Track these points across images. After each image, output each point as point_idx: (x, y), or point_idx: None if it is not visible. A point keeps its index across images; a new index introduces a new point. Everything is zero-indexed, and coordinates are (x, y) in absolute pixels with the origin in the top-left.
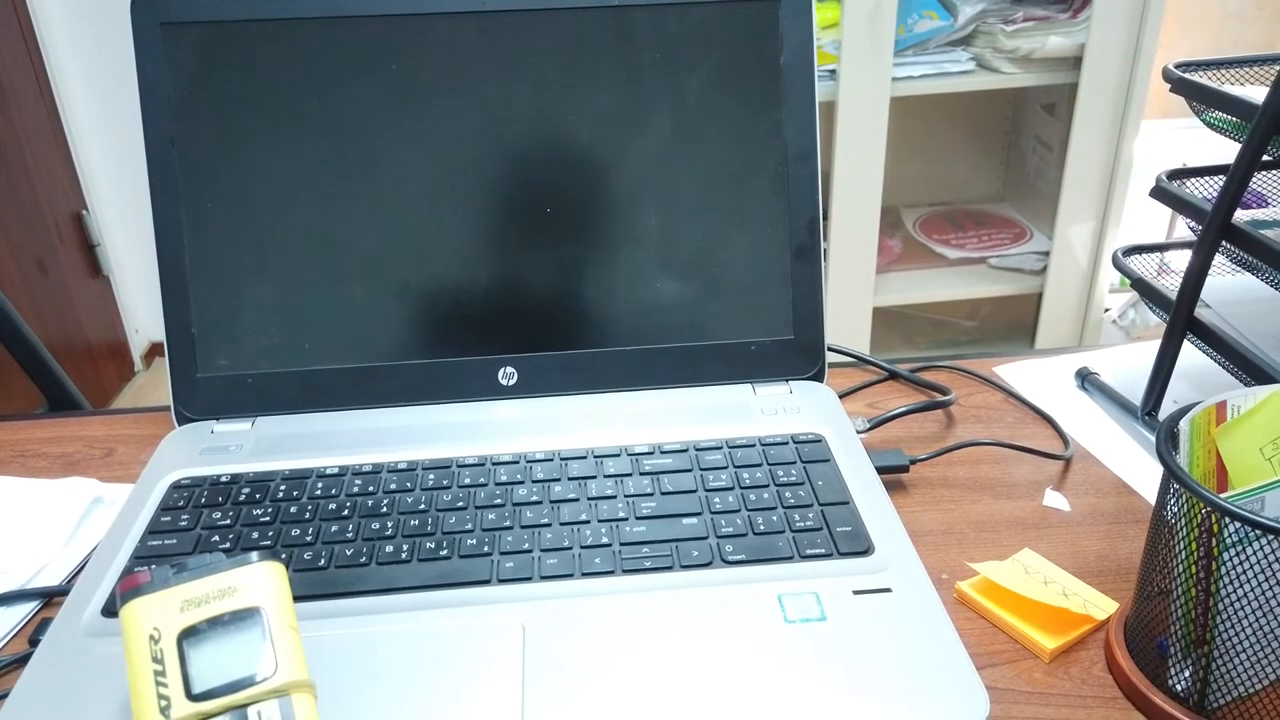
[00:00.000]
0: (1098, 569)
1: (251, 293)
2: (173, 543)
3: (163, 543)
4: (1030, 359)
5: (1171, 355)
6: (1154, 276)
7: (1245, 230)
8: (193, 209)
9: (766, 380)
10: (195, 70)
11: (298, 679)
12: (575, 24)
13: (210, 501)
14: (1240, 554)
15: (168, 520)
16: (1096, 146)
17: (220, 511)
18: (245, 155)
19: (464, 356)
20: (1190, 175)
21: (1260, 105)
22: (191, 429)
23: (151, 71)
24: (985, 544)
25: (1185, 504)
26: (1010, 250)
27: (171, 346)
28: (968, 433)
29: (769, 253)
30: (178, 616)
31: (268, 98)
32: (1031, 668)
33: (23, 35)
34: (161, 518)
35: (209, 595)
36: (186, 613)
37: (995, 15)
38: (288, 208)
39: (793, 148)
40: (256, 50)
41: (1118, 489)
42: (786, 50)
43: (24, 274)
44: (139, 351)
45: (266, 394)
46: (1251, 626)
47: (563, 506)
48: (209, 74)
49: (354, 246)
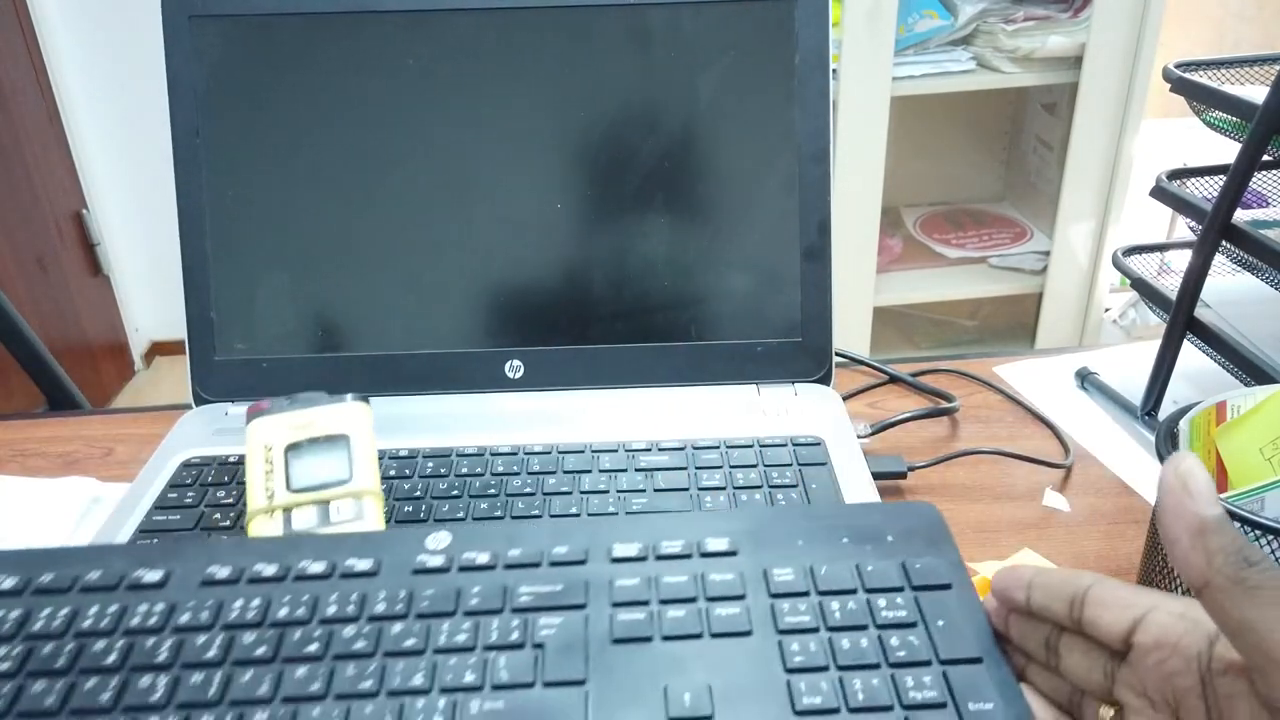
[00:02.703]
0: (1097, 569)
1: (269, 280)
2: (176, 519)
3: (166, 519)
4: (1030, 359)
5: (1171, 355)
6: (1154, 276)
7: (1245, 230)
8: (215, 197)
9: (772, 381)
10: (222, 62)
11: (370, 487)
12: (593, 21)
13: (217, 480)
14: None
15: (174, 497)
16: (1097, 146)
17: (225, 490)
18: (268, 146)
19: (472, 349)
20: (1190, 175)
21: (1260, 105)
22: (207, 410)
23: (179, 63)
24: (985, 545)
25: None
26: (1011, 250)
27: (191, 330)
28: (968, 434)
29: (778, 253)
30: (286, 434)
31: (290, 90)
32: None
33: (23, 35)
34: (169, 494)
35: (311, 422)
36: (293, 432)
37: (996, 14)
38: (306, 198)
39: (805, 148)
40: (282, 43)
41: (1117, 489)
42: (802, 50)
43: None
44: (139, 351)
45: (280, 378)
46: None
47: (554, 499)
48: (235, 66)
49: (369, 238)
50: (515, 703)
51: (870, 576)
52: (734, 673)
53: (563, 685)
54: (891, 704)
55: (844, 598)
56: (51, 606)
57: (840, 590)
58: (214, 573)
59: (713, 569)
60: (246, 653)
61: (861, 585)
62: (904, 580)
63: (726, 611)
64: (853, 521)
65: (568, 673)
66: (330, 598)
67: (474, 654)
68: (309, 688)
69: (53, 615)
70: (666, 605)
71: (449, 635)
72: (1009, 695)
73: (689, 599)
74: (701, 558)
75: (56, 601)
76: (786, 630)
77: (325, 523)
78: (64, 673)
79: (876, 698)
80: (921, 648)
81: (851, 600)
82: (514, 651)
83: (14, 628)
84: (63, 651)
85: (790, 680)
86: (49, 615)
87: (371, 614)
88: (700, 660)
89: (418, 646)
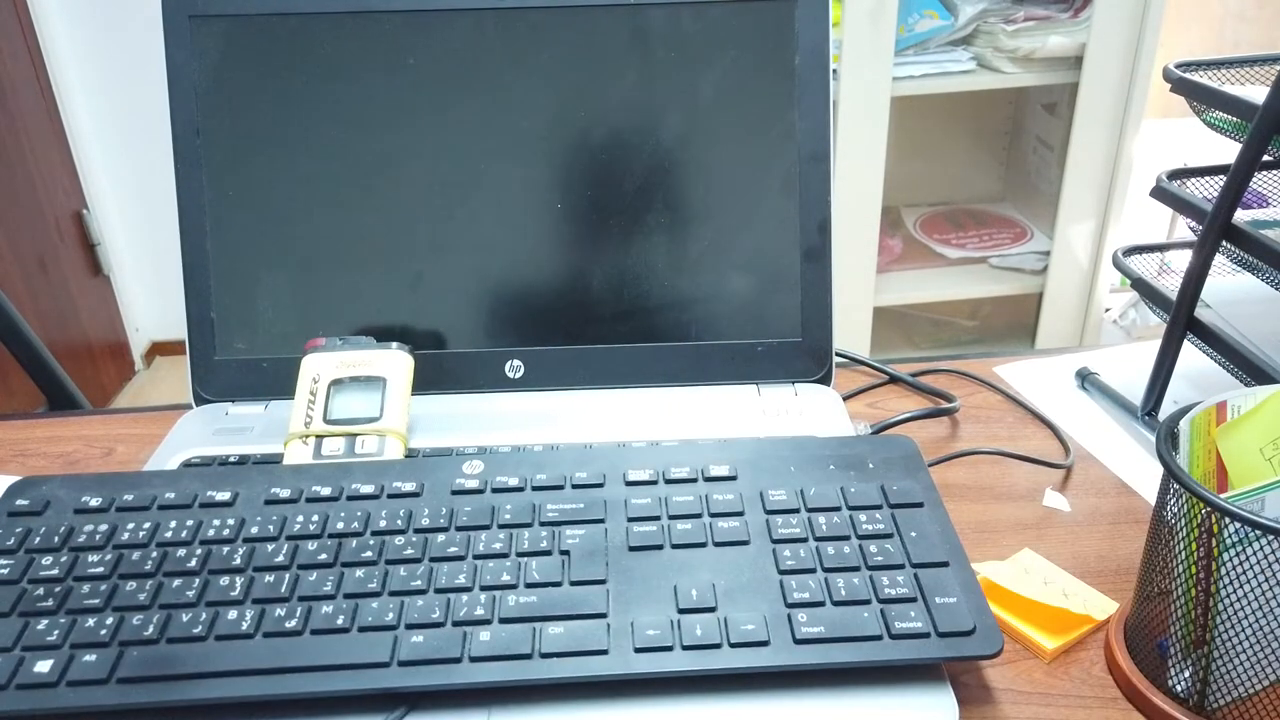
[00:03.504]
0: (1098, 569)
1: (270, 279)
2: None
3: None
4: (1030, 359)
5: (1172, 355)
6: (1154, 277)
7: (1245, 230)
8: (216, 197)
9: (772, 382)
10: (222, 62)
11: (395, 428)
12: (592, 21)
13: None
14: (1240, 554)
15: None
16: (1097, 146)
17: None
18: (268, 146)
19: (472, 348)
20: (1191, 175)
21: (1260, 105)
22: (208, 410)
23: (179, 63)
24: (985, 544)
25: (1185, 504)
26: (1011, 250)
27: (191, 329)
28: (969, 434)
29: (779, 254)
30: (333, 370)
31: (291, 90)
32: (1031, 668)
33: (23, 35)
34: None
35: (356, 363)
36: (339, 369)
37: (996, 15)
38: (306, 198)
39: (806, 149)
40: (282, 43)
41: (1118, 489)
42: (802, 50)
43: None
44: (139, 351)
45: (281, 378)
46: (1251, 627)
47: None
48: (236, 66)
49: (370, 237)
50: (547, 598)
51: (853, 496)
52: (734, 574)
53: (587, 584)
54: (869, 598)
55: (830, 514)
56: (134, 522)
57: (826, 508)
58: (276, 493)
59: (715, 490)
60: (310, 558)
61: (845, 504)
62: (882, 499)
63: (727, 525)
64: (839, 451)
65: (591, 574)
66: (381, 513)
67: (509, 559)
68: (367, 585)
69: (137, 529)
70: (675, 520)
71: (486, 544)
72: (970, 590)
73: (695, 515)
74: (705, 481)
75: (138, 517)
76: (779, 540)
77: (351, 454)
78: (151, 575)
79: (856, 593)
80: (896, 554)
81: (836, 516)
82: (543, 557)
83: (104, 539)
84: (149, 558)
85: (782, 580)
86: (133, 529)
87: (417, 526)
88: (705, 564)
89: (459, 553)
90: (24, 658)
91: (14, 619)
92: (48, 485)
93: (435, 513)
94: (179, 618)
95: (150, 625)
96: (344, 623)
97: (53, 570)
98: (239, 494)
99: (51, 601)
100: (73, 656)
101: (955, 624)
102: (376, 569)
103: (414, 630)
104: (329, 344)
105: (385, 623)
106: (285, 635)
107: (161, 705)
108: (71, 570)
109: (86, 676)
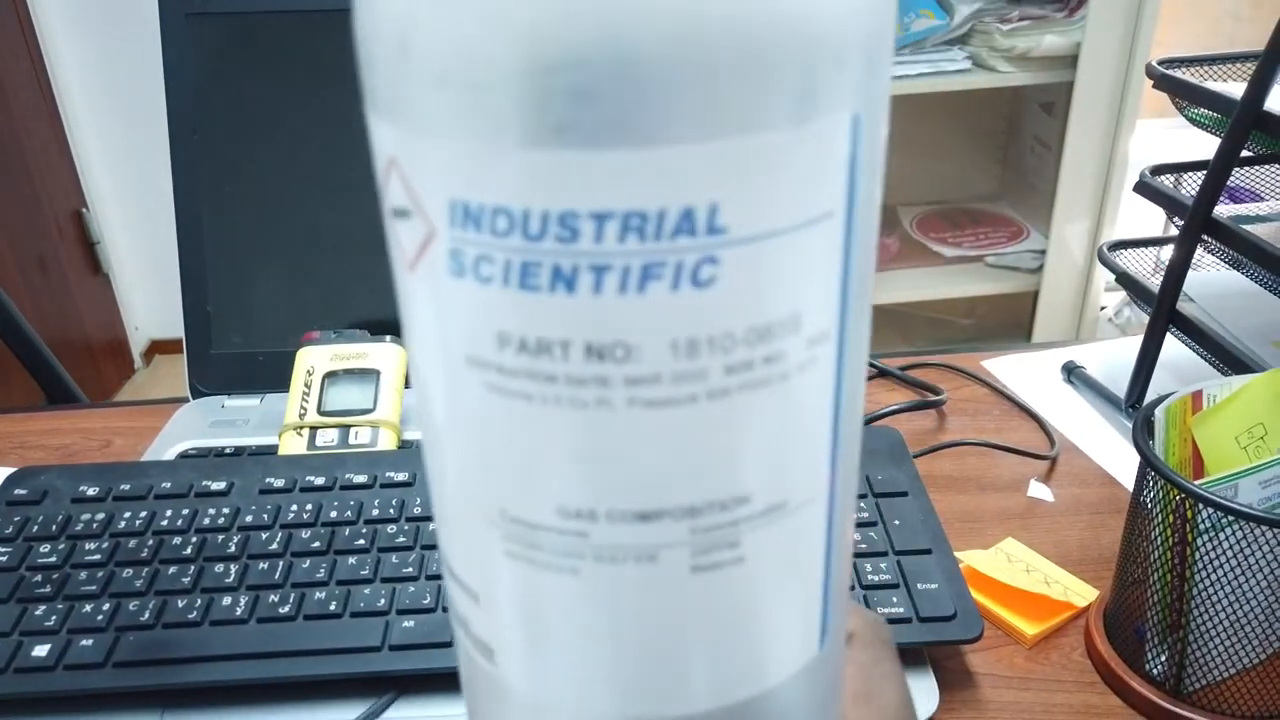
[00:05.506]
0: (1079, 558)
1: (265, 275)
2: None
3: None
4: (1018, 354)
5: (1154, 348)
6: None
7: (1225, 224)
8: (212, 193)
9: None
10: (219, 60)
11: (387, 419)
12: None
13: None
14: (1213, 539)
15: None
16: (1093, 145)
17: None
18: (264, 143)
19: None
20: (1174, 170)
21: (1239, 101)
22: (204, 403)
23: (176, 61)
24: (970, 534)
25: (1160, 491)
26: (1007, 248)
27: (188, 324)
28: (956, 427)
29: None
30: (327, 363)
31: (287, 88)
32: (1013, 653)
33: (23, 35)
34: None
35: (350, 355)
36: (333, 362)
37: (991, 14)
38: (302, 194)
39: None
40: (278, 41)
41: (1101, 480)
42: None
43: (24, 272)
44: (139, 349)
45: (276, 371)
46: (1225, 611)
47: None
48: (232, 64)
49: (364, 233)
50: None
51: None
52: None
53: None
54: (852, 584)
55: None
56: (131, 511)
57: None
58: (271, 483)
59: None
60: (303, 546)
61: None
62: (867, 489)
63: None
64: None
65: None
66: (374, 502)
67: None
68: (359, 572)
69: (133, 517)
70: None
71: None
72: (952, 577)
73: None
74: None
75: (135, 506)
76: None
77: (344, 445)
78: (147, 562)
79: None
80: (879, 541)
81: None
82: None
83: (101, 527)
84: (145, 546)
85: None
86: (130, 517)
87: (410, 515)
88: None
89: None
90: (22, 642)
91: (12, 605)
92: (46, 475)
93: (427, 501)
94: (174, 604)
95: (146, 611)
96: (336, 608)
97: (51, 558)
98: (234, 483)
99: (49, 588)
100: (70, 641)
101: (936, 609)
102: (369, 556)
103: (405, 615)
104: (323, 337)
105: (377, 608)
106: (278, 620)
107: (157, 688)
108: (69, 558)
109: (83, 661)
